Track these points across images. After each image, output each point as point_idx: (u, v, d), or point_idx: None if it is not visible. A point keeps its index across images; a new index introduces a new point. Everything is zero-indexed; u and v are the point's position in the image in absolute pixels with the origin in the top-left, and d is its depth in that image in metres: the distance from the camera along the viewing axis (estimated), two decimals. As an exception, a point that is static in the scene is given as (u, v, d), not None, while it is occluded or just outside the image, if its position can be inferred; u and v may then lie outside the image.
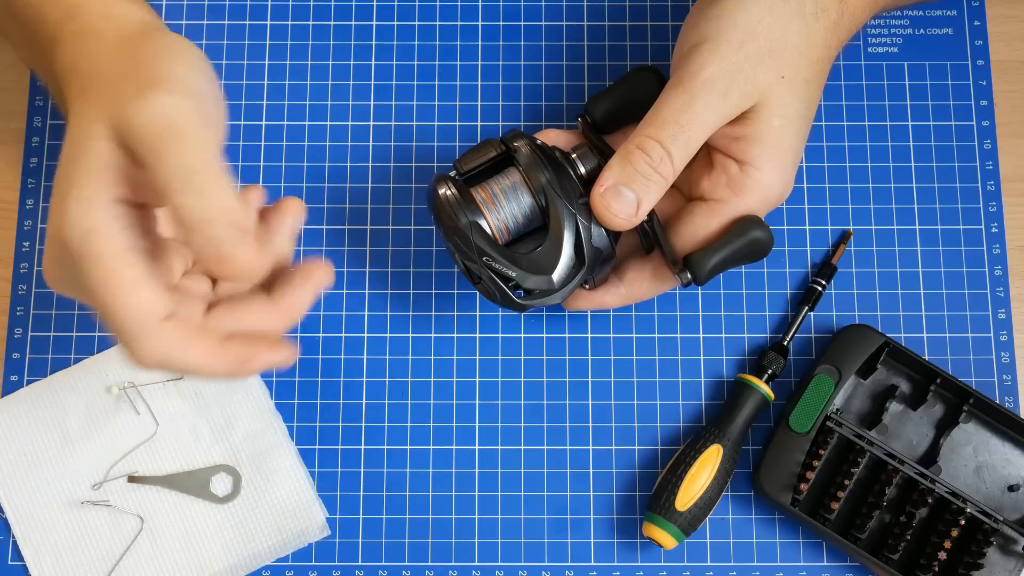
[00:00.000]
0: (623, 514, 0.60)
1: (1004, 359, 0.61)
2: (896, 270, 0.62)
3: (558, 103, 0.65)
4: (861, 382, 0.60)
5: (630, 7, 0.66)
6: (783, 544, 0.59)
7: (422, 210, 0.63)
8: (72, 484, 0.59)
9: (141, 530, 0.58)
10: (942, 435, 0.58)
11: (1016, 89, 0.65)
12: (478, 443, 0.60)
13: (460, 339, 0.61)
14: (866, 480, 0.58)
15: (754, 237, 0.54)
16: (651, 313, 0.62)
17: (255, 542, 0.58)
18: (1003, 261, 0.62)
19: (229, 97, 0.64)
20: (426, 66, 0.65)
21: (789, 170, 0.55)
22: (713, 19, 0.53)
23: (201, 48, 0.64)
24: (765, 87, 0.52)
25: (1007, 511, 0.58)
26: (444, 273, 0.62)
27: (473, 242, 0.51)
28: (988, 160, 0.64)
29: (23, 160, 0.64)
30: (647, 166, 0.51)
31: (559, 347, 0.61)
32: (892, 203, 0.63)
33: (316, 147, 0.64)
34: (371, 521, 0.59)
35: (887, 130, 0.64)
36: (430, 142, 0.64)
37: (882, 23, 0.66)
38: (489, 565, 0.59)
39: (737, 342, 0.62)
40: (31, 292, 0.62)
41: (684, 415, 0.61)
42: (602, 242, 0.53)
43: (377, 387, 0.61)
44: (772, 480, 0.58)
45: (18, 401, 0.60)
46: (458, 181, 0.53)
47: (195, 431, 0.59)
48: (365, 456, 0.60)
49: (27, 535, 0.58)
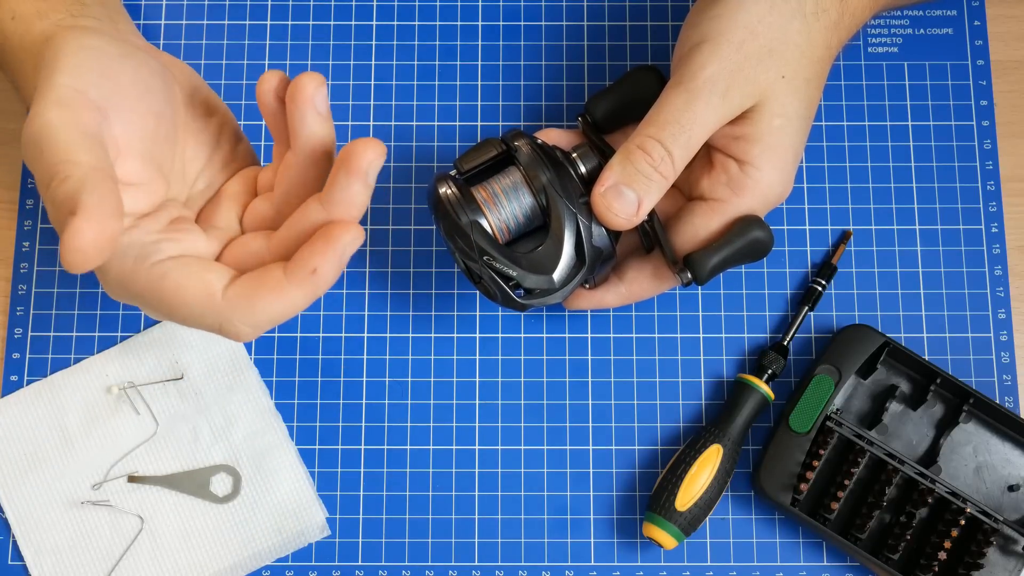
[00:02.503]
0: (623, 514, 0.60)
1: (1004, 359, 0.61)
2: (896, 270, 0.62)
3: (558, 103, 0.65)
4: (861, 382, 0.60)
5: (630, 7, 0.66)
6: (783, 544, 0.59)
7: (422, 210, 0.63)
8: (72, 484, 0.59)
9: (141, 530, 0.58)
10: (942, 435, 0.58)
11: (1016, 89, 0.65)
12: (478, 443, 0.60)
13: (460, 339, 0.61)
14: (866, 480, 0.58)
15: (754, 237, 0.54)
16: (651, 313, 0.62)
17: (255, 542, 0.58)
18: (1003, 261, 0.62)
19: (229, 97, 0.64)
20: (426, 66, 0.65)
21: (789, 170, 0.55)
22: (713, 18, 0.53)
23: (201, 48, 0.65)
24: (765, 87, 0.52)
25: (1007, 511, 0.58)
26: (444, 273, 0.62)
27: (474, 241, 0.51)
28: (988, 160, 0.64)
29: (23, 160, 0.64)
30: (648, 166, 0.51)
31: (559, 347, 0.61)
32: (892, 203, 0.63)
33: (316, 147, 0.64)
34: (371, 521, 0.59)
35: (887, 130, 0.64)
36: (430, 142, 0.64)
37: (882, 23, 0.66)
38: (489, 565, 0.59)
39: (737, 342, 0.62)
40: (31, 292, 0.62)
41: (684, 415, 0.61)
42: (603, 241, 0.53)
43: (377, 387, 0.61)
44: (772, 480, 0.58)
45: (18, 401, 0.60)
46: (459, 180, 0.53)
47: (195, 431, 0.59)
48: (365, 456, 0.60)
49: (27, 535, 0.58)
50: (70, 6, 0.50)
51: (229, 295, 0.44)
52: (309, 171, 0.46)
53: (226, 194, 0.50)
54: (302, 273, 0.43)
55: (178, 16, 0.66)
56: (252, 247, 0.47)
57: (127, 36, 0.51)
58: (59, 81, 0.43)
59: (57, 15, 0.49)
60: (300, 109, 0.45)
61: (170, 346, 0.60)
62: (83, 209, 0.38)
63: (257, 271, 0.44)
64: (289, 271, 0.43)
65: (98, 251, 0.38)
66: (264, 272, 0.44)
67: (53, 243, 0.62)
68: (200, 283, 0.44)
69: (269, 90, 0.46)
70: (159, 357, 0.60)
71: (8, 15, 0.51)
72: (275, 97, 0.46)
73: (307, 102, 0.45)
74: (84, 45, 0.46)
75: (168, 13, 0.66)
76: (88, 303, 0.62)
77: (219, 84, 0.64)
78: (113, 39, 0.47)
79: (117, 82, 0.45)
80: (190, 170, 0.49)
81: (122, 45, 0.47)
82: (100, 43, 0.46)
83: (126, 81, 0.46)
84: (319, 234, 0.43)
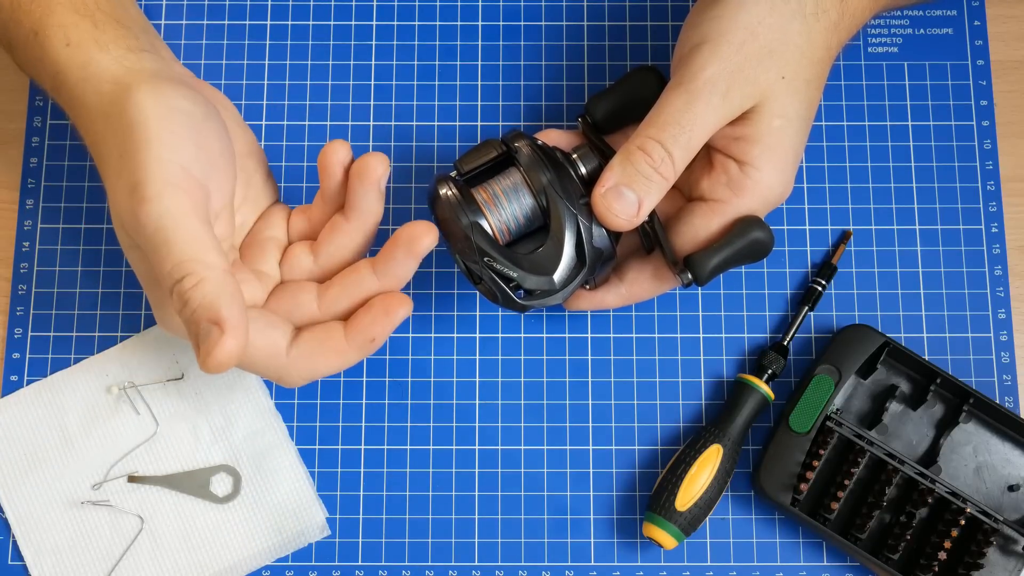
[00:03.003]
0: (623, 514, 0.60)
1: (1004, 359, 0.61)
2: (896, 270, 0.62)
3: (558, 103, 0.65)
4: (861, 382, 0.60)
5: (630, 7, 0.66)
6: (783, 544, 0.59)
7: (422, 210, 0.63)
8: (72, 484, 0.59)
9: (141, 530, 0.58)
10: (942, 435, 0.58)
11: (1016, 89, 0.65)
12: (478, 443, 0.60)
13: (460, 339, 0.61)
14: (866, 480, 0.58)
15: (754, 237, 0.54)
16: (651, 313, 0.62)
17: (255, 542, 0.58)
18: (1003, 261, 0.62)
19: (229, 97, 0.64)
20: (426, 66, 0.65)
21: (789, 170, 0.55)
22: (713, 19, 0.53)
23: (201, 48, 0.65)
24: (766, 87, 0.52)
25: (1007, 511, 0.58)
26: (444, 273, 0.62)
27: (474, 242, 0.51)
28: (988, 160, 0.64)
29: (23, 160, 0.64)
30: (648, 167, 0.51)
31: (559, 347, 0.61)
32: (892, 203, 0.63)
33: (316, 147, 0.64)
34: (371, 521, 0.59)
35: (887, 130, 0.64)
36: (430, 142, 0.64)
37: (882, 23, 0.66)
38: (489, 565, 0.59)
39: (737, 342, 0.62)
40: (31, 292, 0.62)
41: (684, 415, 0.61)
42: (603, 242, 0.53)
43: (377, 387, 0.61)
44: (772, 480, 0.58)
45: (18, 401, 0.60)
46: (459, 181, 0.53)
47: (195, 431, 0.59)
48: (365, 456, 0.60)
49: (27, 535, 0.58)
50: (124, 38, 0.50)
51: (294, 355, 0.49)
52: (358, 238, 0.51)
53: (266, 237, 0.53)
54: (362, 340, 0.49)
55: (178, 16, 0.66)
56: (302, 299, 0.51)
57: (176, 71, 0.52)
58: (160, 156, 0.44)
59: (116, 49, 0.49)
60: (365, 187, 0.49)
61: (170, 346, 0.60)
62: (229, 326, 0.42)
63: (320, 333, 0.49)
64: (350, 337, 0.49)
65: (236, 359, 0.43)
66: (327, 335, 0.49)
67: (53, 243, 0.62)
68: (268, 341, 0.48)
69: (337, 162, 0.50)
70: (159, 357, 0.60)
71: (61, 41, 0.49)
72: (341, 169, 0.50)
73: (373, 183, 0.49)
74: (172, 107, 0.46)
75: (168, 13, 0.66)
76: (88, 303, 0.62)
77: (219, 84, 0.64)
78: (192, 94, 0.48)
79: (210, 152, 0.47)
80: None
81: (200, 102, 0.48)
82: (186, 105, 0.47)
83: (216, 150, 0.48)
84: (380, 307, 0.49)
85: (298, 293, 0.51)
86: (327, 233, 0.52)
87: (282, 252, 0.53)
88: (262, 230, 0.53)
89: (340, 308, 0.51)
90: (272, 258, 0.52)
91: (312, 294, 0.51)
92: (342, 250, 0.52)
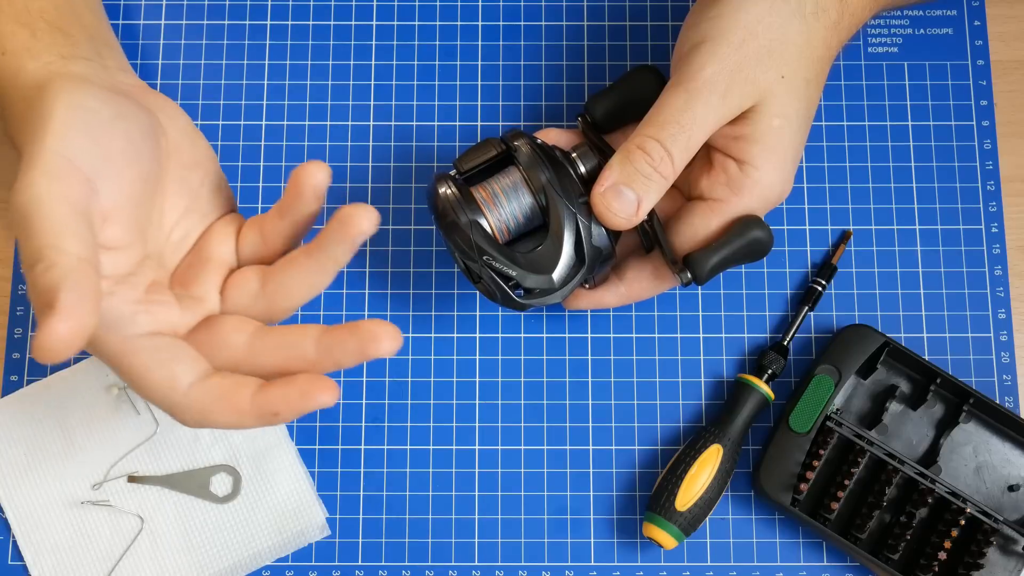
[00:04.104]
0: (623, 514, 0.60)
1: (1004, 359, 0.61)
2: (896, 270, 0.62)
3: (558, 103, 0.65)
4: (861, 382, 0.60)
5: (630, 7, 0.66)
6: (783, 544, 0.59)
7: (422, 210, 0.63)
8: (72, 484, 0.59)
9: (141, 530, 0.58)
10: (942, 435, 0.58)
11: (1016, 89, 0.65)
12: (478, 443, 0.60)
13: (460, 339, 0.61)
14: (866, 480, 0.58)
15: (754, 237, 0.54)
16: (651, 313, 0.62)
17: (255, 542, 0.58)
18: (1003, 261, 0.62)
19: (229, 97, 0.64)
20: (426, 66, 0.65)
21: (788, 170, 0.55)
22: (713, 19, 0.53)
23: (201, 48, 0.65)
24: (765, 87, 0.52)
25: (1007, 511, 0.58)
26: (444, 273, 0.62)
27: (473, 241, 0.52)
28: (988, 160, 0.64)
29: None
30: (647, 166, 0.51)
31: (559, 347, 0.61)
32: (892, 203, 0.63)
33: (316, 147, 0.64)
34: (371, 521, 0.59)
35: (887, 130, 0.64)
36: (430, 142, 0.64)
37: (882, 23, 0.66)
38: (489, 565, 0.59)
39: (737, 342, 0.62)
40: (31, 292, 0.62)
41: (684, 415, 0.61)
42: (602, 241, 0.53)
43: (377, 387, 0.61)
44: (772, 480, 0.58)
45: (18, 401, 0.60)
46: (458, 180, 0.53)
47: (195, 431, 0.59)
48: (365, 456, 0.60)
49: (27, 535, 0.58)
50: (60, 46, 0.50)
51: (191, 395, 0.44)
52: (317, 280, 0.47)
53: (207, 257, 0.49)
54: (267, 411, 0.44)
55: (178, 16, 0.66)
56: (232, 340, 0.47)
57: (117, 78, 0.50)
58: (49, 146, 0.43)
59: (48, 56, 0.49)
60: (343, 239, 0.45)
61: (170, 346, 0.60)
62: (60, 308, 0.38)
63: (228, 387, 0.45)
64: (257, 402, 0.44)
65: (68, 349, 0.38)
66: (233, 392, 0.44)
67: (53, 243, 0.62)
68: (167, 373, 0.44)
69: (311, 187, 0.47)
70: (159, 357, 0.60)
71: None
72: (314, 196, 0.47)
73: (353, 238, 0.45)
74: (77, 104, 0.45)
75: (168, 13, 0.66)
76: (88, 303, 0.62)
77: (219, 84, 0.64)
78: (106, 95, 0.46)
79: (108, 149, 0.44)
80: (167, 221, 0.49)
81: (115, 102, 0.46)
82: (93, 103, 0.45)
83: (117, 148, 0.45)
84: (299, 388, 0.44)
85: (230, 333, 0.47)
86: (284, 266, 0.47)
87: (225, 274, 0.49)
88: (205, 246, 0.49)
89: (266, 364, 0.46)
90: (210, 282, 0.48)
91: (245, 336, 0.47)
92: (295, 288, 0.47)
